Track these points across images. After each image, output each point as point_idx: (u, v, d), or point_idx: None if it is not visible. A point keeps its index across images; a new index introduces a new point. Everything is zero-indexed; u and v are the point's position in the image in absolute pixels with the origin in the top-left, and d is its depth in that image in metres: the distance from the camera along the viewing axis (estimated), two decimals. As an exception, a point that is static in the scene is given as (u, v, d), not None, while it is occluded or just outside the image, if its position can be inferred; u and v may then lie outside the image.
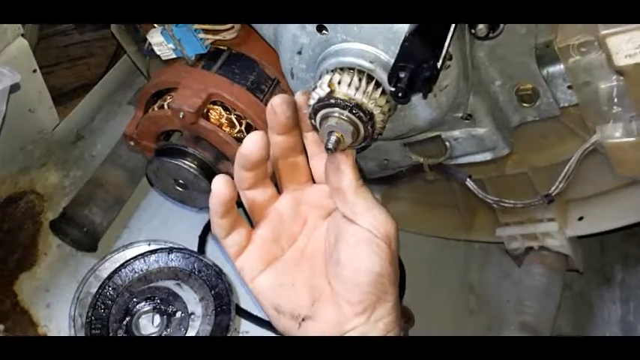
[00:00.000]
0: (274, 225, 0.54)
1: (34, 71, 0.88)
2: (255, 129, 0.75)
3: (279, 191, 0.57)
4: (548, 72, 0.66)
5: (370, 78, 0.59)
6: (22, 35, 0.84)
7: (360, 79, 0.58)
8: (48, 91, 0.95)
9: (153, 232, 0.98)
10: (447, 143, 0.71)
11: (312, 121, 0.60)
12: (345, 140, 0.58)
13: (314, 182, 0.57)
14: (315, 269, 0.52)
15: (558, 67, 0.65)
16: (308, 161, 0.57)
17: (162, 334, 0.86)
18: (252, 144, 0.50)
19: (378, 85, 0.59)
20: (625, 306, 0.97)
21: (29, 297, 0.89)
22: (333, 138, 0.58)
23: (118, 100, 1.12)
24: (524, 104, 0.68)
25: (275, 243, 0.53)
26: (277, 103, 0.53)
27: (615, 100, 0.60)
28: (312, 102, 0.59)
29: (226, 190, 0.49)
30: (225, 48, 0.76)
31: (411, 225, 1.01)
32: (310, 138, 0.56)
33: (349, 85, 0.57)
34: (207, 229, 0.98)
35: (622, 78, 0.57)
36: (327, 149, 0.58)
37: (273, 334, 0.89)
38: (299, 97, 0.55)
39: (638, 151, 0.57)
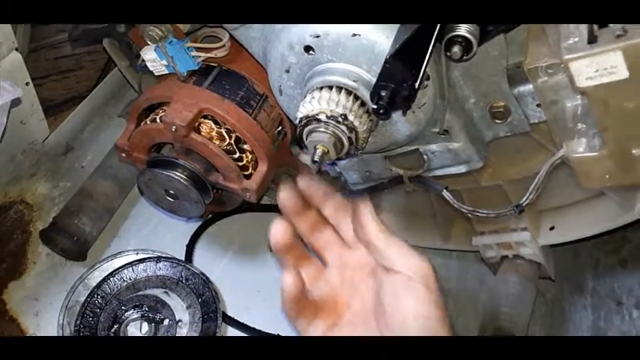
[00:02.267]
0: (327, 297, 0.56)
1: (27, 84, 0.90)
2: (244, 142, 0.79)
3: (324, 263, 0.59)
4: (519, 91, 0.71)
5: (354, 96, 0.63)
6: (16, 49, 0.87)
7: (343, 97, 0.62)
8: (39, 103, 0.97)
9: (141, 242, 0.99)
10: (425, 156, 0.76)
11: (301, 138, 0.64)
12: (330, 153, 0.62)
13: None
14: (369, 324, 0.54)
15: (528, 87, 0.70)
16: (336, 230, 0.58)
17: (150, 342, 0.88)
18: (277, 233, 0.53)
19: (361, 102, 0.64)
20: (596, 313, 1.01)
21: (18, 305, 0.90)
22: (318, 151, 0.62)
23: (107, 112, 1.14)
24: (497, 121, 0.73)
25: (333, 311, 0.55)
26: (284, 197, 0.54)
27: (580, 117, 0.64)
28: (298, 118, 0.63)
29: (294, 286, 0.51)
30: (216, 65, 0.79)
31: (392, 235, 1.05)
32: (329, 209, 0.57)
33: (329, 101, 0.61)
34: (194, 238, 1.01)
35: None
36: (314, 162, 0.63)
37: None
38: (301, 182, 0.56)
39: (600, 165, 0.62)
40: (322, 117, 0.61)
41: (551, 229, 0.90)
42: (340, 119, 0.61)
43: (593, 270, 1.06)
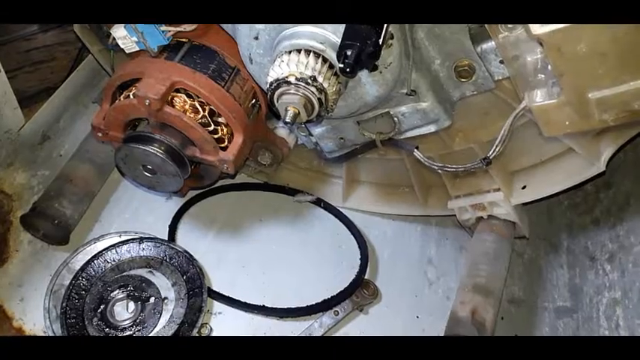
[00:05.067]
0: None
1: (-1, 72, 0.90)
2: (219, 115, 0.80)
3: None
4: (482, 49, 0.73)
5: (322, 58, 0.65)
6: (-14, 37, 0.87)
7: (312, 59, 0.64)
8: (12, 92, 0.97)
9: (124, 225, 1.00)
10: (396, 118, 0.78)
11: (272, 102, 0.66)
12: (301, 114, 0.64)
13: None
14: None
15: (490, 44, 0.72)
16: None
17: (137, 320, 0.89)
18: None
19: (329, 64, 0.65)
20: (572, 270, 1.05)
21: (3, 292, 0.91)
22: (289, 113, 0.64)
23: (83, 101, 1.14)
24: (462, 79, 0.75)
25: None
26: None
27: (539, 69, 0.67)
28: (268, 82, 0.65)
29: None
30: (187, 40, 0.80)
31: (372, 206, 1.08)
32: None
33: (298, 63, 0.63)
34: (176, 218, 1.02)
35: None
36: (285, 122, 0.64)
37: (245, 313, 0.93)
38: None
39: (560, 112, 0.64)
40: (292, 79, 0.63)
41: (523, 188, 0.93)
42: (309, 81, 0.63)
43: (567, 230, 1.10)
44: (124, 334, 0.87)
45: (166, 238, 0.99)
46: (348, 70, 0.60)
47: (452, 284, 1.01)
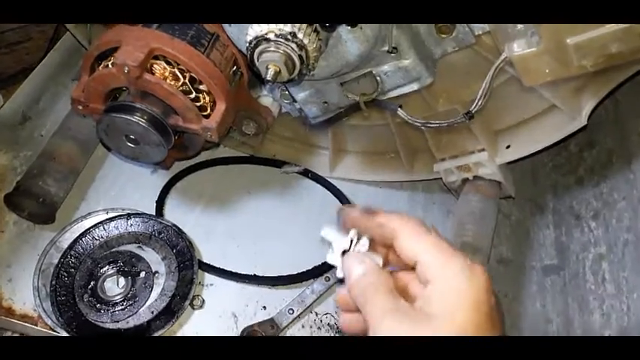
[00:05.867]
0: None
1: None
2: (200, 83, 0.79)
3: None
4: (461, 3, 0.73)
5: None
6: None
7: (290, 16, 0.64)
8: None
9: (110, 203, 0.99)
10: (378, 78, 0.78)
11: (252, 61, 0.65)
12: (282, 72, 0.64)
13: None
14: None
15: (469, -2, 0.72)
16: None
17: (128, 294, 0.89)
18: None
19: (308, 21, 0.65)
20: (558, 229, 1.06)
21: (-10, 273, 0.90)
22: (270, 71, 0.64)
23: (62, 81, 1.13)
24: (443, 35, 0.75)
25: None
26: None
27: (518, 19, 0.67)
28: (248, 40, 0.65)
29: None
30: (164, 7, 0.79)
31: (359, 174, 1.08)
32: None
33: None
34: (163, 193, 1.01)
35: (521, 0, 0.65)
36: (267, 81, 0.64)
37: (236, 283, 0.93)
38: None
39: (539, 60, 0.65)
40: (271, 36, 0.63)
41: (508, 147, 0.94)
42: (289, 37, 0.63)
43: (552, 191, 1.11)
44: (117, 309, 0.87)
45: (154, 214, 0.98)
46: (327, 24, 0.60)
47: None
